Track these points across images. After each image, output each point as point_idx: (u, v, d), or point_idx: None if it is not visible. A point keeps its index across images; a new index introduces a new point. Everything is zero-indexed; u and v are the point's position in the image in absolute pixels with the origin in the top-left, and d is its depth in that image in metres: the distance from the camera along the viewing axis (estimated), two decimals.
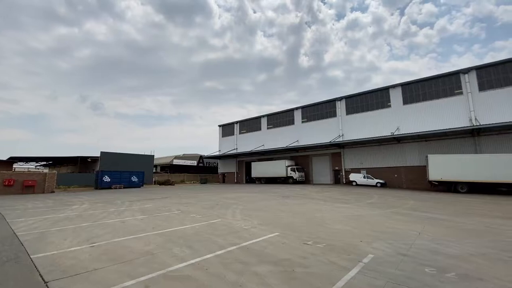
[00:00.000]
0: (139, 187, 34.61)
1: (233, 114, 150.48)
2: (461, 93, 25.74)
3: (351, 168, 32.11)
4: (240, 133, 47.34)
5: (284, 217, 10.35)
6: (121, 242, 6.64)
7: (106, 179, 32.45)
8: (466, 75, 25.62)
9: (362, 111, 32.40)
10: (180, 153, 58.78)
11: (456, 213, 11.48)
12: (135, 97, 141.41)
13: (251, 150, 41.37)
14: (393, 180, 28.34)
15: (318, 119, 36.66)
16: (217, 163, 52.89)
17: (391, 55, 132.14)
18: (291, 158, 38.24)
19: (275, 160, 39.08)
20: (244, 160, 45.98)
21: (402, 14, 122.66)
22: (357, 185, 28.69)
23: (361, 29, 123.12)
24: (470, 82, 25.34)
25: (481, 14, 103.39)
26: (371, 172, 29.83)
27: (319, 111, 36.91)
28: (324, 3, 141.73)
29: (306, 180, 36.19)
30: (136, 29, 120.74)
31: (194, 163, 57.56)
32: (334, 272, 4.58)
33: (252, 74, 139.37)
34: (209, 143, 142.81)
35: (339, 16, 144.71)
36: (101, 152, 37.80)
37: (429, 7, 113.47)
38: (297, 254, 5.62)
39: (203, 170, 57.62)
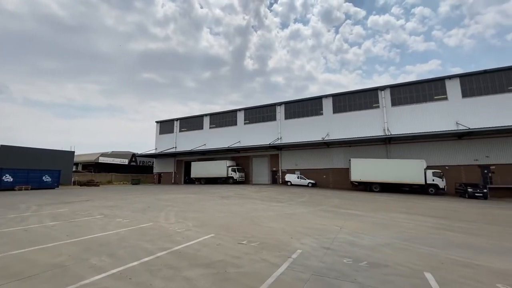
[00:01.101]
0: (54, 188, 29.46)
1: (173, 110, 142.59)
2: (378, 106, 30.24)
3: (287, 169, 34.13)
4: (180, 131, 45.18)
5: (221, 217, 10.25)
6: (22, 255, 5.48)
7: (7, 178, 26.57)
8: (383, 91, 30.23)
9: (299, 116, 34.86)
10: (109, 150, 52.56)
11: (370, 209, 13.34)
12: (53, 82, 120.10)
13: (192, 149, 39.94)
14: (322, 180, 31.29)
15: (260, 121, 37.84)
16: (153, 162, 49.26)
17: (326, 67, 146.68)
18: (232, 159, 38.40)
19: (216, 160, 38.63)
20: (184, 160, 44.06)
21: (337, 32, 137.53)
22: (291, 185, 30.64)
23: (302, 40, 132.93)
24: (385, 98, 29.98)
25: (397, 41, 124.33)
26: (304, 173, 32.31)
27: (261, 114, 38.14)
28: (271, 10, 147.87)
29: (246, 180, 36.86)
30: (58, 3, 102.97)
31: (125, 161, 52.22)
32: (265, 269, 4.72)
33: (196, 70, 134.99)
34: (145, 140, 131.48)
35: (284, 25, 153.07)
36: (1, 146, 30.78)
37: (358, 29, 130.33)
38: (231, 254, 5.60)
39: (136, 170, 52.80)
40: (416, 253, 5.95)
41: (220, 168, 35.90)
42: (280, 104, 36.63)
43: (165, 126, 47.52)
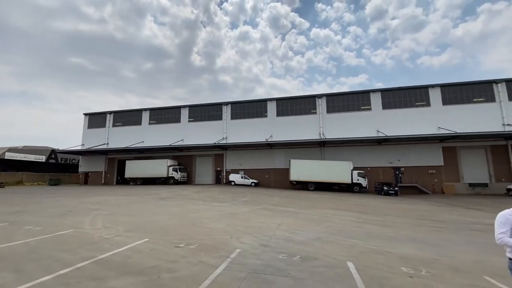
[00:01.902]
0: None
1: (107, 102, 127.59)
2: (316, 112, 32.98)
3: (231, 169, 34.24)
4: (114, 125, 40.68)
5: (157, 220, 9.61)
6: None
7: None
8: (320, 99, 33.10)
9: (245, 117, 35.41)
10: (21, 144, 43.83)
11: (305, 207, 14.40)
12: None
13: (128, 147, 36.40)
14: (264, 180, 32.44)
15: (205, 120, 37.00)
16: (79, 160, 43.12)
17: (273, 72, 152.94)
18: (174, 158, 36.47)
19: (155, 159, 36.12)
20: (117, 158, 39.81)
21: (283, 39, 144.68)
22: (235, 184, 30.87)
23: (251, 42, 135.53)
24: (321, 105, 32.89)
25: (335, 55, 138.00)
26: (248, 173, 32.96)
27: (206, 112, 37.32)
28: (221, 8, 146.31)
29: (188, 181, 35.50)
30: None
31: (42, 158, 44.36)
32: (202, 272, 4.60)
33: (136, 60, 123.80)
34: (69, 135, 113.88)
35: (233, 25, 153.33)
36: None
37: (302, 39, 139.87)
38: (167, 259, 5.29)
39: (57, 168, 45.35)
40: (342, 245, 6.66)
41: (160, 167, 33.69)
42: (226, 103, 36.53)
43: (95, 120, 42.15)
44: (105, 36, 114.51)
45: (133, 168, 35.14)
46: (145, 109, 40.20)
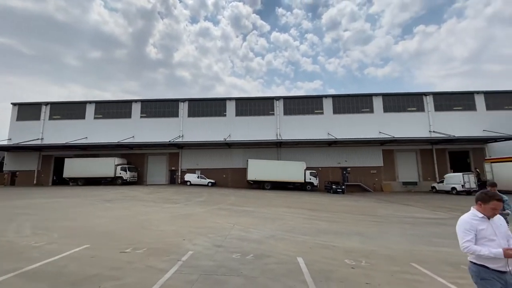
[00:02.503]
0: None
1: (45, 92, 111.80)
2: (273, 114, 33.92)
3: (187, 169, 33.10)
4: (51, 118, 35.80)
5: (101, 224, 8.77)
6: None
7: None
8: (278, 101, 34.13)
9: (203, 115, 34.57)
10: None
11: (261, 205, 14.68)
12: None
13: (68, 143, 32.39)
14: (221, 179, 32.14)
15: (160, 116, 35.06)
16: (3, 158, 36.90)
17: (233, 71, 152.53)
18: (123, 156, 33.68)
19: (101, 157, 32.91)
20: (54, 155, 35.18)
21: (244, 39, 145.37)
22: (191, 184, 29.93)
23: (211, 39, 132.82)
24: (279, 107, 33.96)
25: (293, 59, 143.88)
26: (205, 172, 32.26)
27: (162, 108, 35.39)
28: (180, 1, 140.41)
29: (139, 181, 33.15)
30: None
31: None
32: (150, 277, 4.33)
33: (82, 46, 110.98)
34: None
35: (193, 20, 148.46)
36: None
37: (263, 41, 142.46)
38: (110, 266, 4.85)
39: None
40: (293, 241, 6.95)
41: (106, 166, 30.80)
42: (184, 100, 35.19)
43: (27, 111, 36.58)
44: (43, 15, 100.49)
45: (74, 167, 31.44)
46: (90, 102, 36.39)
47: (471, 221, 2.48)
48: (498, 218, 2.54)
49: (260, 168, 28.34)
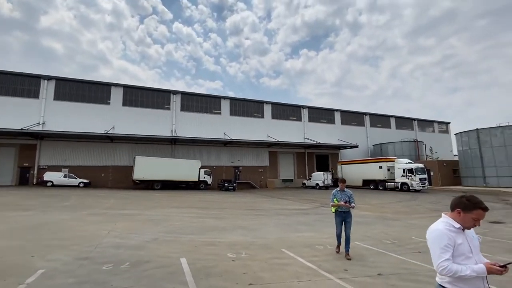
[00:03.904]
0: None
1: None
2: (169, 108, 31.93)
3: (48, 166, 26.14)
4: None
5: None
6: None
7: None
8: (175, 95, 32.37)
9: (78, 101, 28.27)
10: None
11: (147, 207, 13.45)
12: None
13: None
14: (99, 179, 27.33)
15: (13, 95, 26.12)
16: None
17: (124, 54, 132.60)
18: None
19: None
20: None
21: (141, 22, 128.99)
22: (53, 185, 23.83)
23: (98, 11, 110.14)
24: (176, 102, 32.28)
25: (196, 55, 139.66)
26: (77, 170, 26.47)
27: (14, 84, 26.45)
28: None
29: None
30: None
31: None
32: None
33: None
34: None
35: None
36: None
37: (163, 29, 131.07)
38: None
39: None
40: (178, 242, 6.72)
41: None
42: (49, 78, 27.70)
43: None
44: None
45: None
46: None
47: (448, 234, 1.88)
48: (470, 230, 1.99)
49: (149, 166, 25.95)
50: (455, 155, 39.48)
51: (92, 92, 29.11)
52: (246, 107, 35.74)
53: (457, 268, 1.79)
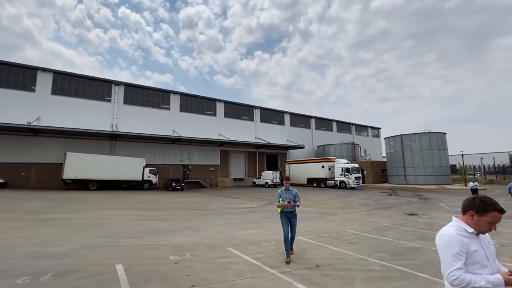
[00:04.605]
0: None
1: None
2: (110, 100, 28.93)
3: None
4: None
5: None
6: None
7: None
8: (117, 86, 29.48)
9: None
10: None
11: (79, 210, 11.97)
12: None
13: None
14: (19, 178, 23.22)
15: None
16: None
17: (58, 36, 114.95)
18: None
19: None
20: None
21: (81, 1, 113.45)
22: None
23: None
24: (118, 94, 29.42)
25: (144, 45, 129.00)
26: None
27: None
28: None
29: None
30: None
31: None
32: None
33: None
34: None
35: None
36: None
37: (107, 12, 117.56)
38: None
39: None
40: (115, 247, 6.16)
41: None
42: None
43: None
44: None
45: None
46: None
47: (460, 239, 1.68)
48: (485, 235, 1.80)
49: (84, 164, 23.14)
50: (384, 157, 45.07)
51: (13, 75, 24.55)
52: (197, 104, 34.71)
53: (470, 279, 1.58)
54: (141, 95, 31.00)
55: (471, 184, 17.02)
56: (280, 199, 5.65)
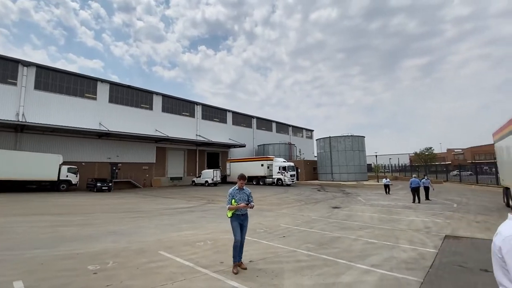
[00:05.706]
0: None
1: None
2: (16, 84, 23.79)
3: None
4: None
5: None
6: None
7: None
8: (27, 68, 24.44)
9: None
10: None
11: None
12: None
13: None
14: None
15: None
16: None
17: None
18: None
19: None
20: None
21: None
22: None
23: None
24: (28, 77, 24.42)
25: (66, 23, 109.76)
26: None
27: None
28: None
29: None
30: None
31: None
32: None
33: None
34: None
35: None
36: None
37: None
38: None
39: None
40: (15, 261, 5.09)
41: None
42: None
43: None
44: None
45: None
46: None
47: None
48: None
49: None
50: (315, 156, 49.54)
51: None
52: (131, 96, 31.61)
53: None
54: (59, 81, 26.47)
55: (384, 180, 20.18)
56: (233, 200, 4.86)
